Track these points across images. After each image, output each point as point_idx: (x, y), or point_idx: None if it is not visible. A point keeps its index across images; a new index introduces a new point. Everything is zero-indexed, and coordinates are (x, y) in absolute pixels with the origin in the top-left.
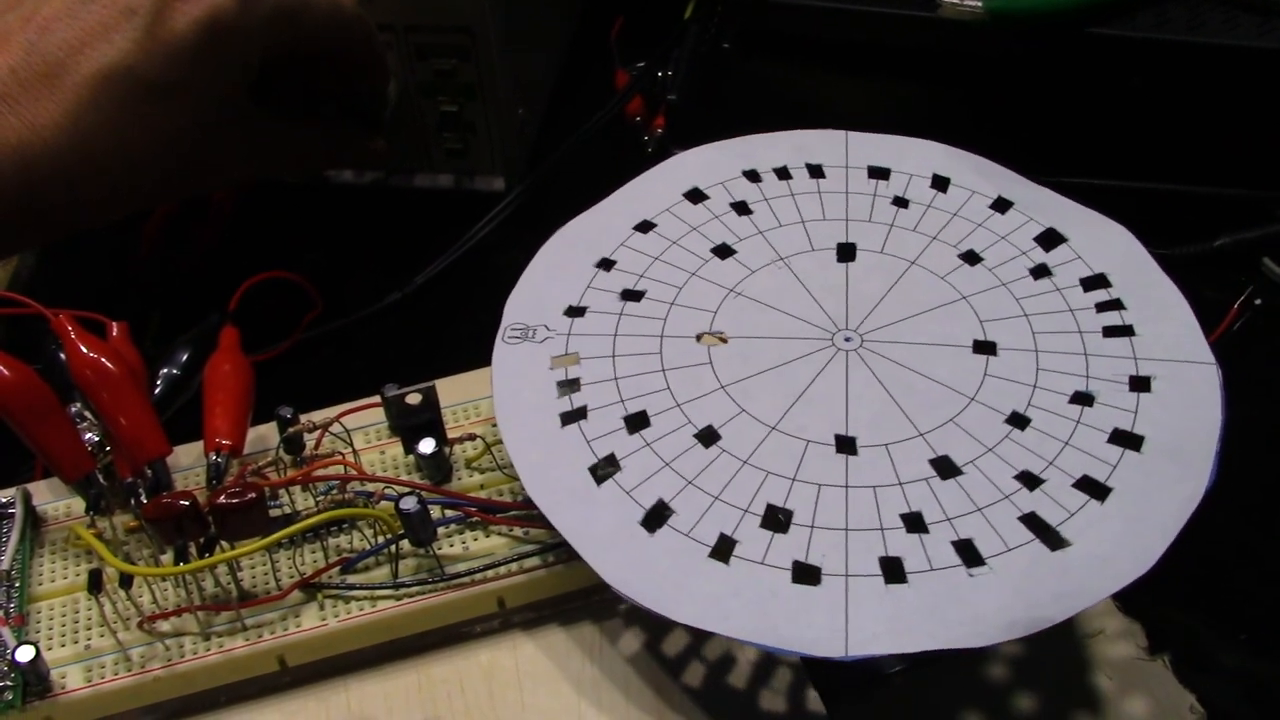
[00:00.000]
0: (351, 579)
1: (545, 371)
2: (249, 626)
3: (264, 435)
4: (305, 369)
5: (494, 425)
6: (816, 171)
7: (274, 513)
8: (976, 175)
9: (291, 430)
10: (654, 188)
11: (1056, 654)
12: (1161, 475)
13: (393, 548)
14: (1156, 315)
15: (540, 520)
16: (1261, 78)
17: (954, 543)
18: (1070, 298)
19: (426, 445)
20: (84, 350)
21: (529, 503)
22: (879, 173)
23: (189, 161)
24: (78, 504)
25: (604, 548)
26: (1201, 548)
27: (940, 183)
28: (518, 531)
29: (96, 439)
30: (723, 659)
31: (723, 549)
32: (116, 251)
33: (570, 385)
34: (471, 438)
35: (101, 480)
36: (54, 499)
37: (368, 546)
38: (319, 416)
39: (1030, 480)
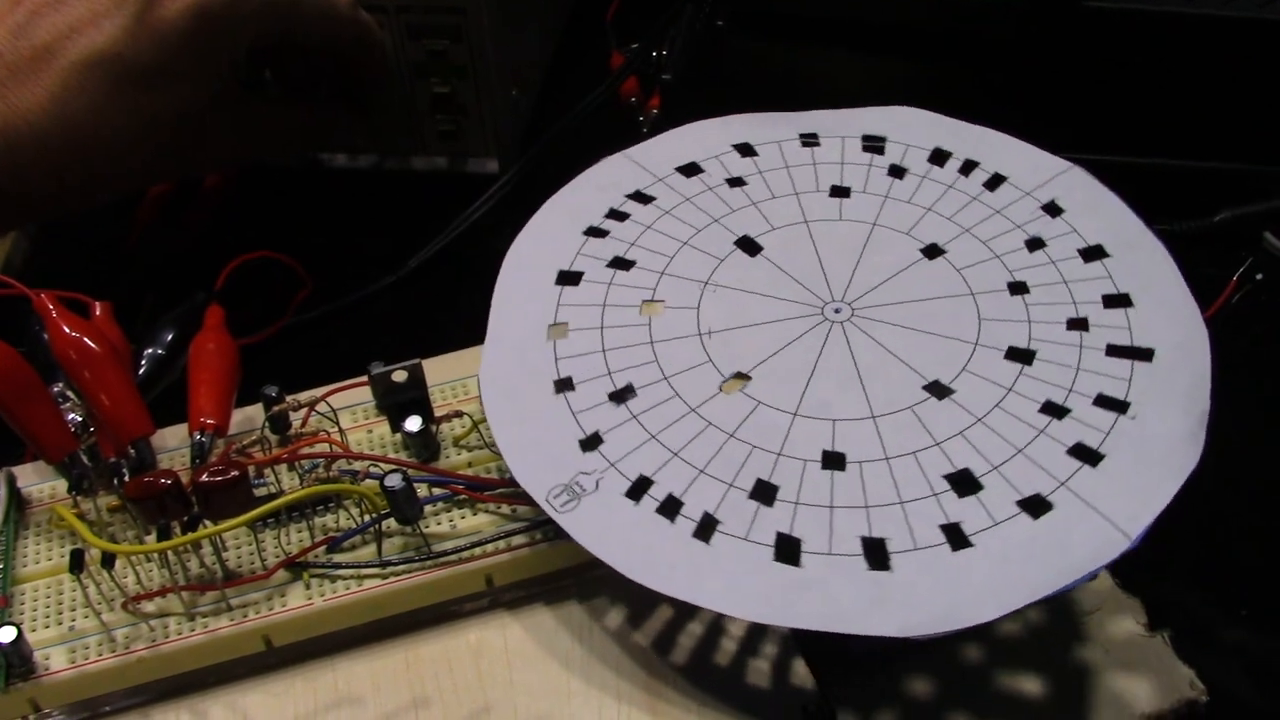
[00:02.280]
0: (338, 558)
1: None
2: (234, 607)
3: (251, 416)
4: (300, 351)
5: (480, 403)
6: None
7: (259, 492)
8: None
9: (277, 409)
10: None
11: (1055, 632)
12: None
13: (378, 526)
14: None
15: (527, 497)
16: (1261, 50)
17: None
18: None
19: (413, 423)
20: (66, 330)
21: (515, 480)
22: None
23: (176, 146)
24: (64, 485)
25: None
26: (1201, 523)
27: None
28: (505, 509)
29: (80, 419)
30: (711, 635)
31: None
32: (110, 233)
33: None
34: (459, 415)
35: (85, 460)
36: (40, 480)
37: (354, 526)
38: (305, 396)
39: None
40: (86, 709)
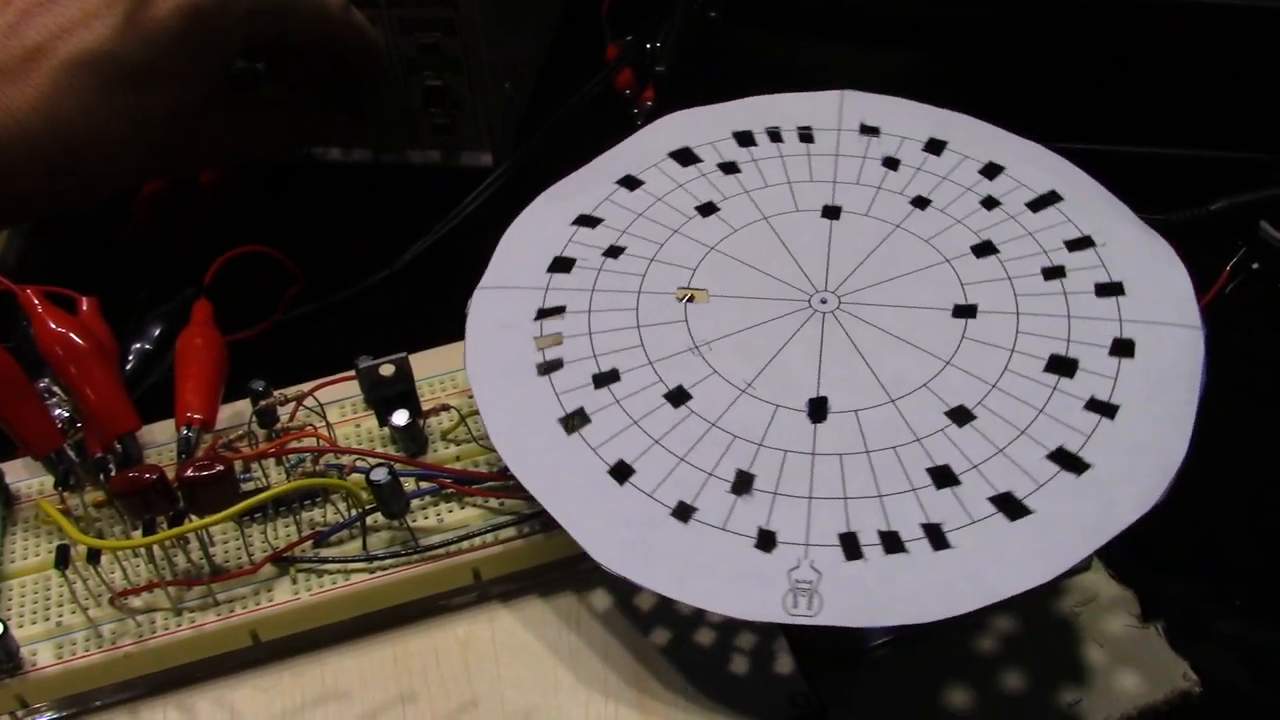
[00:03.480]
0: (325, 553)
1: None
2: (221, 601)
3: (241, 411)
4: (294, 346)
5: (469, 397)
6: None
7: (246, 487)
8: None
9: (264, 404)
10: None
11: (1047, 623)
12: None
13: (363, 520)
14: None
15: (516, 491)
16: (1257, 38)
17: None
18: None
19: (400, 417)
20: (51, 325)
21: (504, 473)
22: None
23: (168, 144)
24: (51, 481)
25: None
26: (1195, 514)
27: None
28: (493, 503)
29: (66, 415)
30: (699, 629)
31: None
32: (104, 231)
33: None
34: (446, 409)
35: (72, 456)
36: (28, 476)
37: (341, 520)
38: (293, 391)
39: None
40: (74, 704)
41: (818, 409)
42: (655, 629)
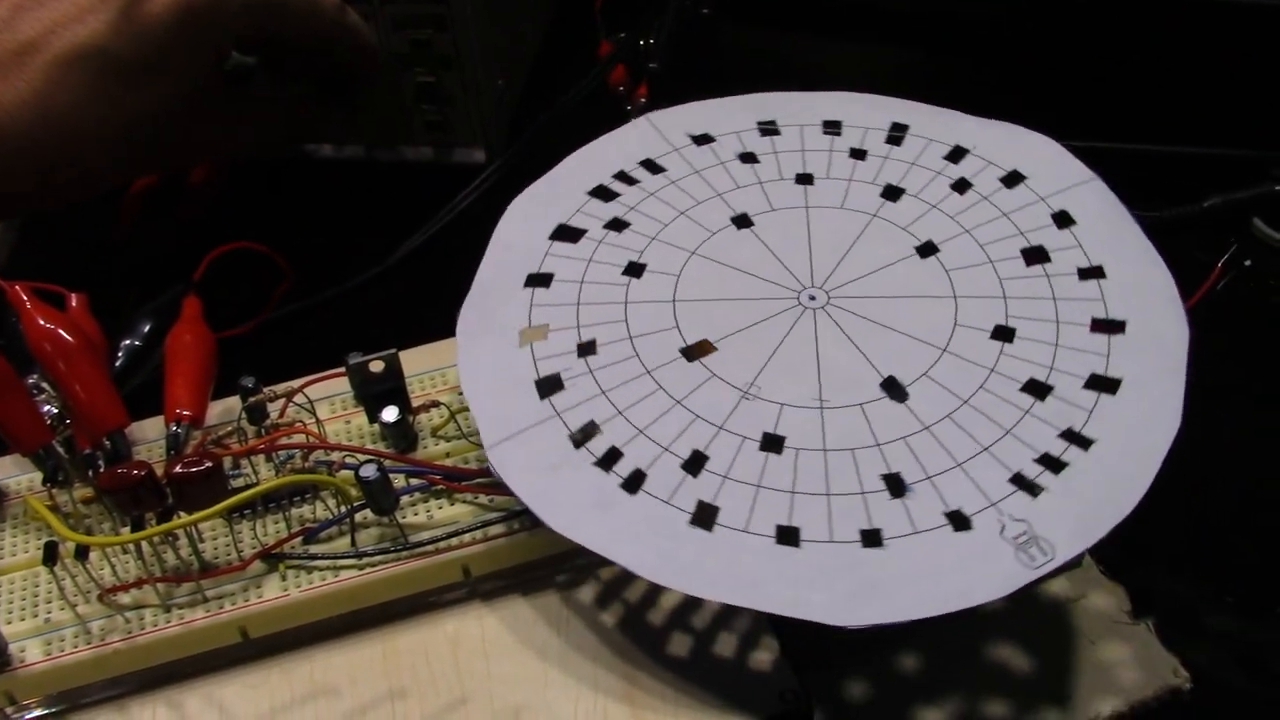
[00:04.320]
0: (314, 549)
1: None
2: (210, 598)
3: (232, 407)
4: (288, 343)
5: (459, 394)
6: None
7: (236, 483)
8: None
9: (253, 400)
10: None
11: (1037, 619)
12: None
13: (352, 517)
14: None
15: (505, 488)
16: (1251, 35)
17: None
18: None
19: (389, 413)
20: (40, 322)
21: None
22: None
23: (160, 141)
24: (40, 477)
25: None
26: (1186, 509)
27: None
28: (483, 499)
29: (55, 411)
30: (689, 623)
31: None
32: (96, 227)
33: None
34: (436, 405)
35: (61, 452)
36: (17, 473)
37: (331, 516)
38: (282, 388)
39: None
40: (63, 701)
41: (895, 386)
42: (645, 625)
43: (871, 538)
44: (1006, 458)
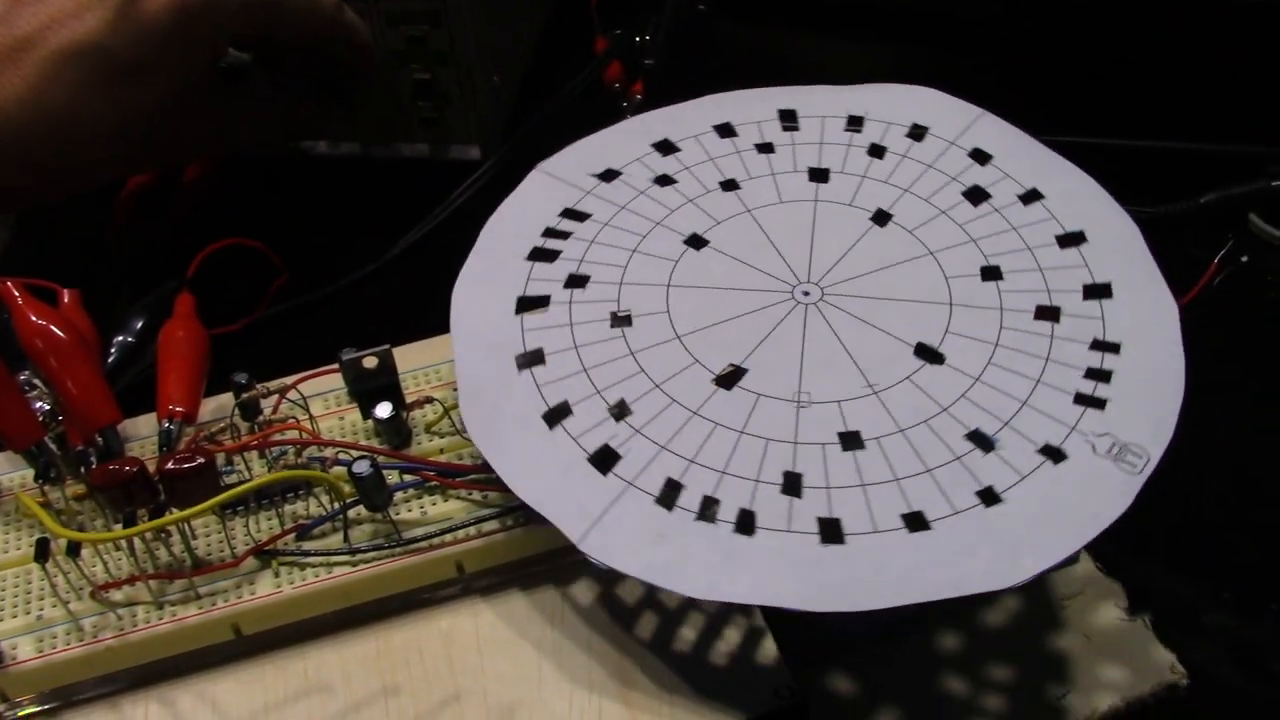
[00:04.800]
0: (307, 545)
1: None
2: (203, 595)
3: (225, 404)
4: (281, 340)
5: (454, 389)
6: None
7: (229, 480)
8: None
9: (246, 396)
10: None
11: (1034, 617)
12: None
13: (345, 513)
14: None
15: (499, 484)
16: (1248, 31)
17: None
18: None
19: (383, 409)
20: (32, 318)
21: (488, 466)
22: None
23: (155, 138)
24: (32, 474)
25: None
26: (1183, 507)
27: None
28: (477, 496)
29: (48, 407)
30: (683, 620)
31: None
32: (90, 223)
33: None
34: (429, 401)
35: (53, 449)
36: (9, 469)
37: (324, 513)
38: (275, 384)
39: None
40: (55, 698)
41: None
42: (639, 622)
43: (988, 496)
44: (1060, 382)
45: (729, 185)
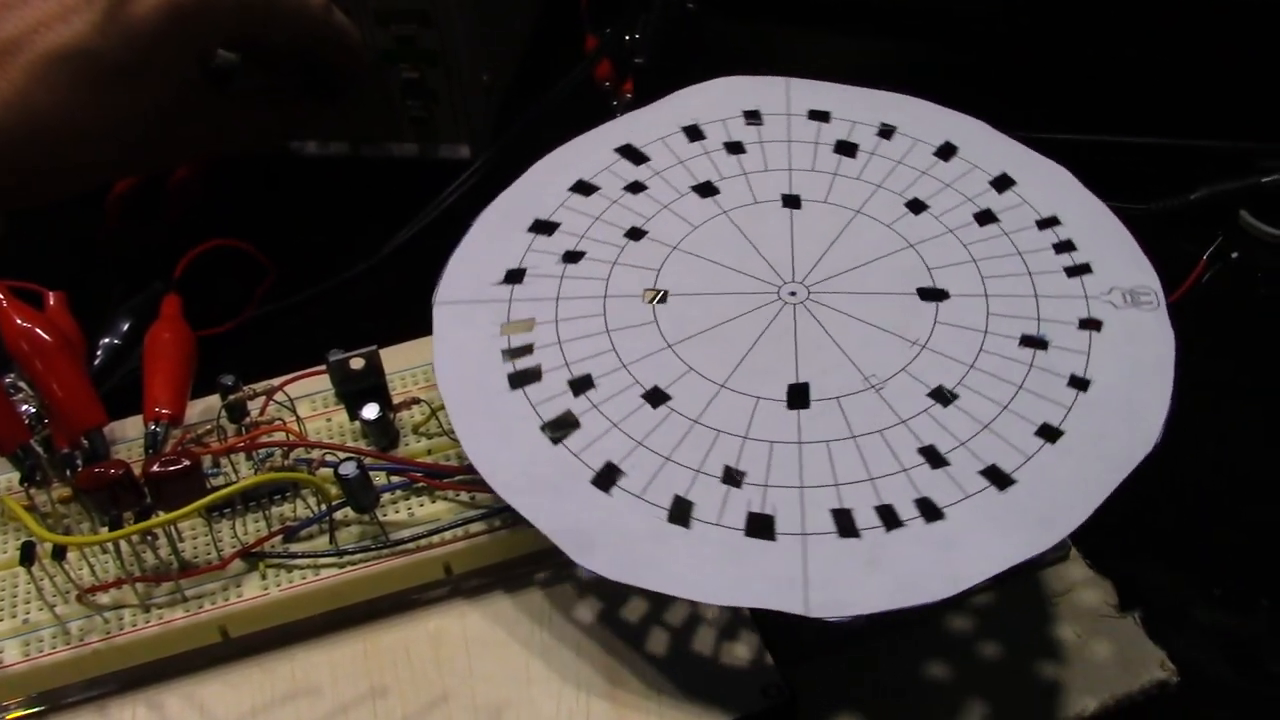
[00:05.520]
0: (294, 547)
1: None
2: (190, 597)
3: (212, 406)
4: (271, 341)
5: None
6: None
7: (215, 482)
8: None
9: (233, 398)
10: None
11: (1024, 613)
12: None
13: (331, 515)
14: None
15: (486, 484)
16: (1240, 27)
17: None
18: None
19: (370, 410)
20: (17, 320)
21: (474, 467)
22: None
23: (144, 141)
24: (19, 477)
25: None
26: (1173, 503)
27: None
28: (464, 496)
29: (33, 410)
30: (671, 620)
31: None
32: (80, 225)
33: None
34: (417, 402)
35: (39, 451)
36: None
37: (312, 515)
38: (262, 386)
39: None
40: (43, 702)
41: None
42: (627, 621)
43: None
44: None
45: (704, 189)
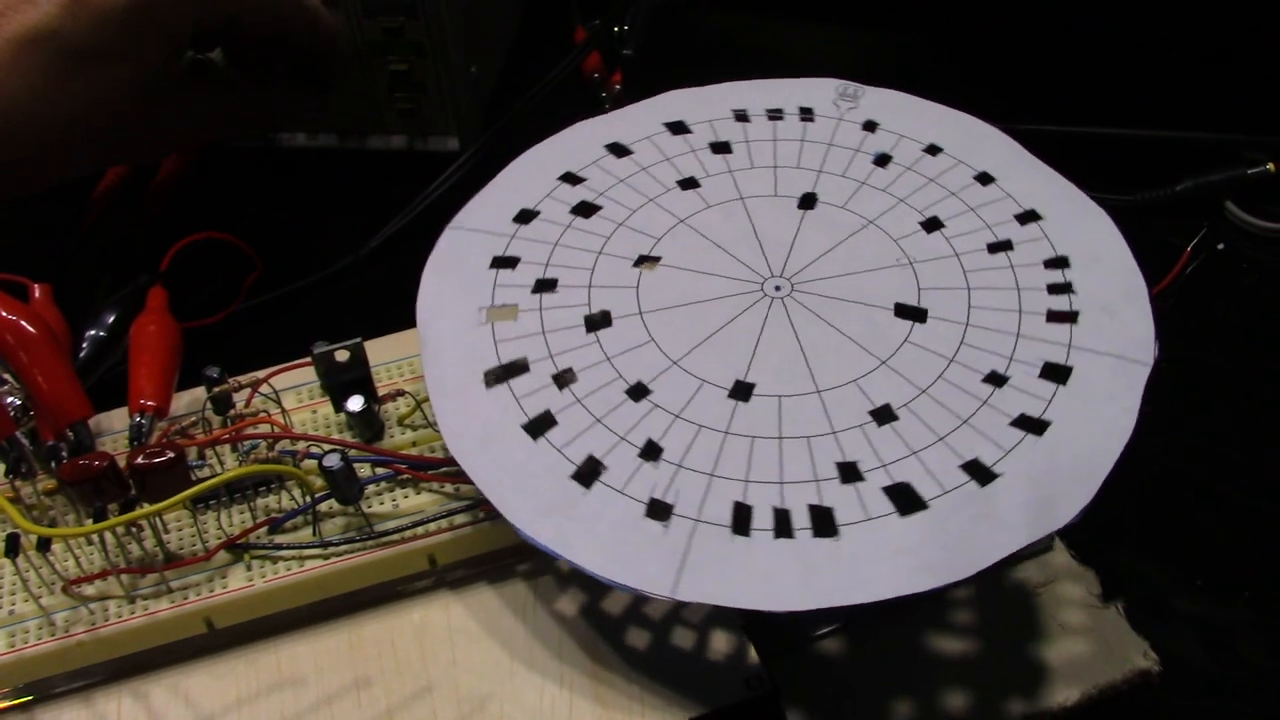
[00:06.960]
0: (279, 539)
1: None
2: (175, 589)
3: (198, 398)
4: (257, 333)
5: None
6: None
7: (200, 474)
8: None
9: (218, 390)
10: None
11: (1006, 603)
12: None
13: (315, 507)
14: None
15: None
16: (1225, 18)
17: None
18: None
19: (355, 402)
20: (2, 313)
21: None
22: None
23: (119, 130)
24: (2, 469)
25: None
26: (1155, 493)
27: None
28: (449, 488)
29: (18, 402)
30: (654, 613)
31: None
32: (65, 217)
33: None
34: (401, 394)
35: (24, 443)
36: None
37: (296, 507)
38: (247, 378)
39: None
40: (28, 692)
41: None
42: (610, 613)
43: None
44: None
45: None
